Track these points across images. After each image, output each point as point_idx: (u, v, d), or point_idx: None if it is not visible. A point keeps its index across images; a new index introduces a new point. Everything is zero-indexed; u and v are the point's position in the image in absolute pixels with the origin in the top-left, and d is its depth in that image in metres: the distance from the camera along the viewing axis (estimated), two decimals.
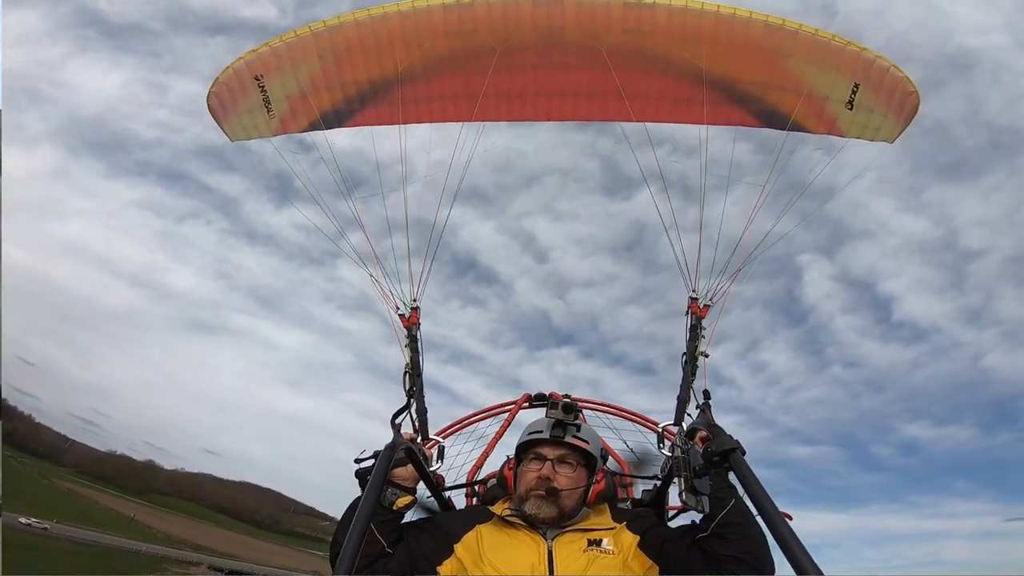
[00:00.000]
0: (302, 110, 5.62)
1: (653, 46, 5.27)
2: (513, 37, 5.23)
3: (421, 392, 4.31)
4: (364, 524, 2.04)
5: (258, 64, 5.44)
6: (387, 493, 2.74)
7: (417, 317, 4.68)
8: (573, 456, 2.79)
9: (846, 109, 5.37)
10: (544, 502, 2.64)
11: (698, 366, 4.33)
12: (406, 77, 5.36)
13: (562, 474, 2.73)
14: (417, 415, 4.18)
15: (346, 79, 5.54)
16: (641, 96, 5.51)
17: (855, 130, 5.52)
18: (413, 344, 4.55)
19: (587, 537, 2.61)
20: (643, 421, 4.68)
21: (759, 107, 5.59)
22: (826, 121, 5.56)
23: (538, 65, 5.55)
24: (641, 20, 5.17)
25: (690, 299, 4.64)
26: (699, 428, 2.84)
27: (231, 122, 5.67)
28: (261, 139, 5.78)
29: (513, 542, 2.60)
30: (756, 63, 5.32)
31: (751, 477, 2.24)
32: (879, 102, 5.28)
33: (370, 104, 5.67)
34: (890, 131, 5.42)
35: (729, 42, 5.18)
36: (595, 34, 5.21)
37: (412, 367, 4.40)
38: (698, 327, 4.50)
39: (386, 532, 2.67)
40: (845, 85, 5.27)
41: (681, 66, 5.32)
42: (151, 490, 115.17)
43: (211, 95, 5.52)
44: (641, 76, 5.45)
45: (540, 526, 2.64)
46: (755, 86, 5.49)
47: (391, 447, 2.57)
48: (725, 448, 2.42)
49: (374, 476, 2.33)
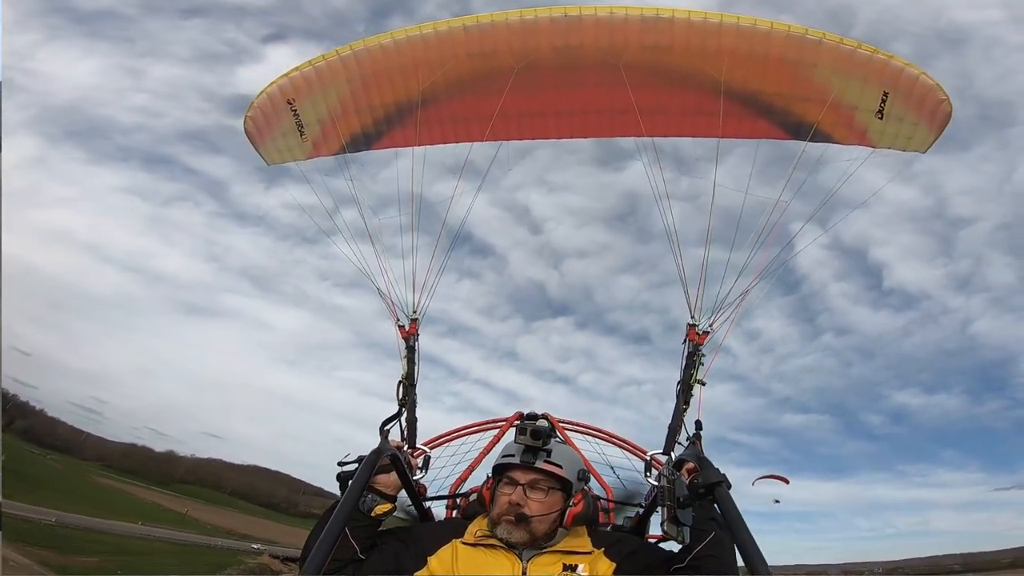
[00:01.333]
0: (332, 133, 5.85)
1: (672, 62, 5.24)
2: (532, 56, 5.30)
3: (413, 403, 4.39)
4: (338, 528, 2.11)
5: (290, 89, 5.70)
6: (367, 499, 2.74)
7: (416, 328, 4.78)
8: (545, 481, 2.78)
9: (876, 119, 5.20)
10: (514, 527, 2.66)
11: (692, 395, 4.25)
12: (427, 99, 5.51)
13: (533, 499, 2.72)
14: (407, 424, 4.24)
15: (372, 102, 5.75)
16: (661, 112, 5.49)
17: (886, 140, 5.34)
18: (410, 355, 4.63)
19: (563, 561, 2.63)
20: (632, 448, 4.62)
21: (784, 119, 5.48)
22: (856, 131, 5.40)
23: (557, 84, 5.61)
24: (659, 36, 5.16)
25: (688, 326, 4.56)
26: (687, 460, 2.87)
27: (267, 146, 5.97)
28: (295, 162, 6.07)
29: (488, 560, 2.62)
30: (779, 75, 5.22)
31: (734, 512, 2.27)
32: (910, 111, 5.10)
33: (395, 126, 5.86)
34: (922, 140, 5.23)
35: (750, 55, 5.09)
36: (613, 51, 5.22)
37: (407, 377, 4.49)
38: (696, 355, 4.41)
39: (360, 538, 2.67)
40: (874, 94, 5.11)
41: (702, 81, 5.27)
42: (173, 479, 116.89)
43: (247, 119, 5.83)
44: (661, 92, 5.43)
45: (516, 546, 2.66)
46: (780, 98, 5.39)
47: (376, 453, 2.62)
48: (712, 481, 2.46)
49: (355, 480, 2.39)
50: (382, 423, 3.21)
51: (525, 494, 2.73)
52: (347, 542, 2.60)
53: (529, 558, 2.63)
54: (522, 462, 2.79)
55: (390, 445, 2.89)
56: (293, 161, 6.07)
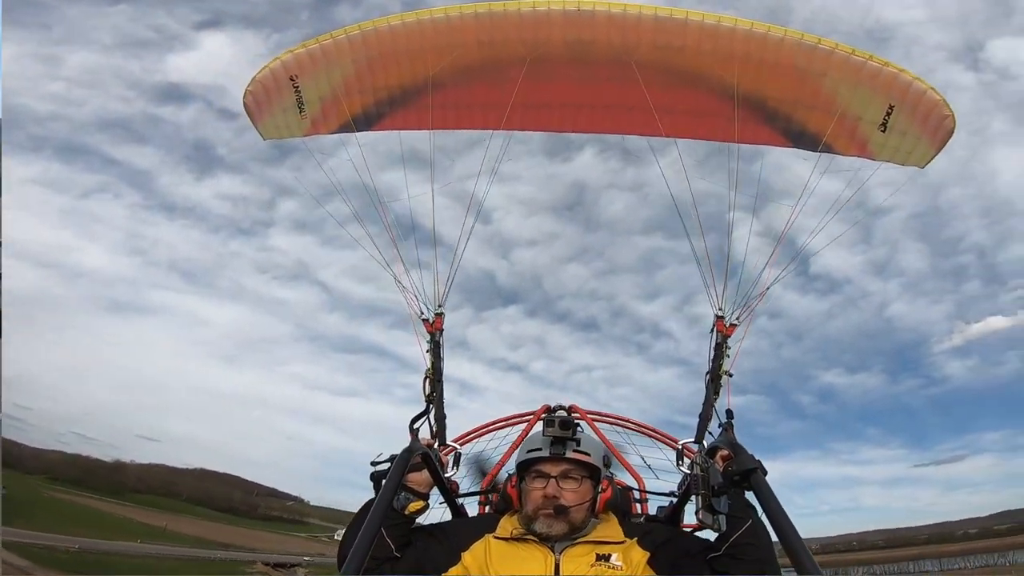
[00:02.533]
0: (334, 112, 5.73)
1: (684, 62, 5.25)
2: (543, 48, 5.26)
3: (441, 398, 4.29)
4: (376, 527, 2.07)
5: (294, 65, 5.57)
6: (400, 497, 2.75)
7: (441, 323, 4.68)
8: (576, 471, 2.77)
9: (879, 131, 5.28)
10: (554, 520, 2.63)
11: (721, 385, 4.30)
12: (436, 84, 5.43)
13: (568, 490, 2.71)
14: (436, 421, 4.14)
15: (378, 84, 5.64)
16: (670, 111, 5.49)
17: (887, 153, 5.42)
18: (436, 350, 4.53)
19: (596, 551, 2.60)
20: (662, 437, 4.68)
21: (790, 126, 5.53)
22: (858, 143, 5.47)
23: (567, 77, 5.58)
24: (672, 36, 5.16)
25: (716, 317, 4.61)
26: (720, 447, 2.84)
27: (265, 121, 5.82)
28: (292, 139, 5.92)
29: (521, 554, 2.61)
30: (789, 82, 5.26)
31: (772, 498, 2.22)
32: (913, 125, 5.18)
33: (400, 109, 5.77)
34: (922, 156, 5.32)
35: (761, 61, 5.13)
36: (625, 48, 5.21)
37: (433, 372, 4.39)
38: (723, 346, 4.46)
39: (396, 536, 2.70)
40: (879, 106, 5.18)
41: (712, 83, 5.30)
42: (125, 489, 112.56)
43: (247, 94, 5.68)
44: (671, 91, 5.43)
45: (549, 539, 2.63)
46: (787, 105, 5.44)
47: (408, 451, 2.59)
48: (747, 467, 2.42)
49: (388, 480, 2.36)
50: (411, 420, 3.19)
51: (559, 485, 2.72)
52: (383, 541, 2.63)
53: (562, 550, 2.61)
54: (552, 454, 2.77)
55: (421, 443, 2.87)
56: (290, 138, 5.93)
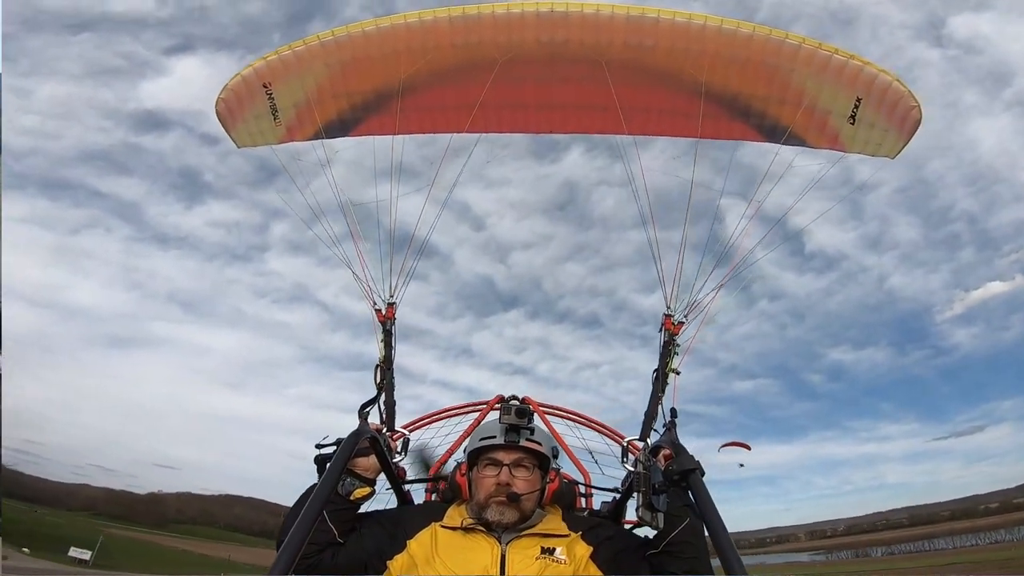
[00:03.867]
0: (308, 119, 5.71)
1: (655, 61, 5.30)
2: (516, 50, 5.29)
3: (391, 385, 4.34)
4: (316, 511, 2.03)
5: (266, 71, 5.54)
6: (345, 482, 2.73)
7: (393, 312, 4.75)
8: (528, 459, 2.82)
9: (848, 124, 5.36)
10: (506, 508, 2.66)
11: (668, 383, 4.34)
12: (408, 87, 5.43)
13: (520, 478, 2.75)
14: (385, 407, 4.20)
15: (352, 89, 5.64)
16: (642, 110, 5.56)
17: (857, 145, 5.51)
18: (387, 339, 4.61)
19: (541, 544, 2.63)
20: (609, 433, 4.73)
21: (761, 121, 5.60)
22: (828, 136, 5.56)
23: (540, 78, 5.61)
24: (643, 35, 5.21)
25: (664, 315, 4.65)
26: (663, 446, 2.91)
27: (239, 129, 5.77)
28: (267, 146, 5.87)
29: (467, 543, 2.62)
30: (758, 78, 5.33)
31: (707, 499, 2.31)
32: (881, 117, 5.27)
33: (373, 114, 5.76)
34: (891, 146, 5.41)
35: (731, 57, 5.21)
36: (597, 49, 5.26)
37: (384, 360, 4.46)
38: (671, 344, 4.51)
39: (339, 522, 2.68)
40: (847, 99, 5.27)
41: (683, 81, 5.36)
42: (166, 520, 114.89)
43: (220, 101, 5.64)
44: (642, 90, 5.49)
45: (495, 529, 2.66)
46: (757, 100, 5.51)
47: (355, 434, 2.56)
48: (686, 468, 2.51)
49: (333, 463, 2.33)
50: (361, 406, 3.14)
51: (511, 473, 2.75)
52: (325, 525, 2.62)
53: (508, 541, 2.63)
54: (507, 441, 2.81)
55: (369, 427, 2.85)
56: (265, 145, 5.89)
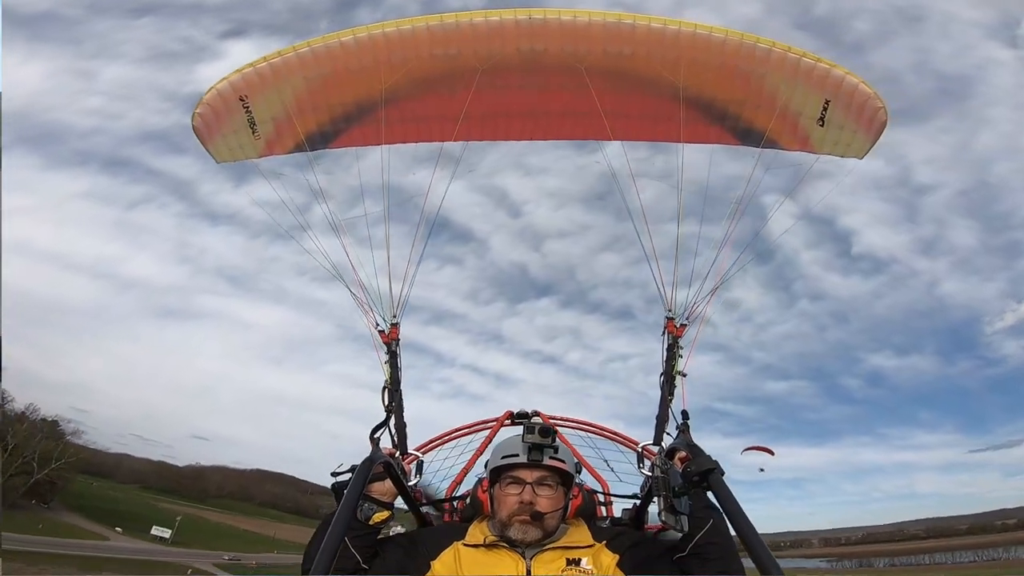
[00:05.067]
0: (288, 131, 5.64)
1: (633, 67, 5.39)
2: (496, 59, 5.30)
3: (400, 407, 4.29)
4: (338, 539, 2.06)
5: (243, 85, 5.44)
6: (364, 508, 2.75)
7: (397, 333, 4.64)
8: (551, 477, 2.82)
9: (818, 126, 5.54)
10: (529, 526, 2.68)
11: (676, 386, 4.34)
12: (389, 98, 5.39)
13: (543, 496, 2.76)
14: (396, 430, 4.15)
15: (332, 100, 5.58)
16: (622, 116, 5.63)
17: (827, 147, 5.70)
18: (392, 360, 4.50)
19: (566, 556, 2.65)
20: (623, 440, 4.74)
21: (736, 125, 5.75)
22: (800, 138, 5.74)
23: (521, 85, 5.64)
24: (621, 42, 5.28)
25: (666, 318, 4.66)
26: (679, 448, 2.93)
27: (216, 143, 5.66)
28: (248, 160, 5.79)
29: (491, 560, 2.63)
30: (732, 82, 5.46)
31: (730, 497, 2.31)
32: (849, 118, 5.46)
33: (355, 125, 5.71)
34: (859, 147, 5.62)
35: (706, 62, 5.31)
36: (576, 56, 5.31)
37: (391, 382, 4.37)
38: (675, 347, 4.51)
39: (361, 547, 2.69)
40: (816, 102, 5.43)
41: (660, 86, 5.45)
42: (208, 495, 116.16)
43: (196, 116, 5.50)
44: (621, 96, 5.57)
45: (519, 545, 2.67)
46: (732, 104, 5.65)
47: (369, 461, 2.58)
48: (704, 468, 2.49)
49: (349, 490, 2.34)
50: (371, 431, 3.16)
51: (535, 492, 2.75)
52: (348, 552, 2.63)
53: (532, 556, 2.65)
54: (530, 460, 2.80)
55: (382, 452, 2.87)
56: (245, 159, 5.79)
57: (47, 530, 62.39)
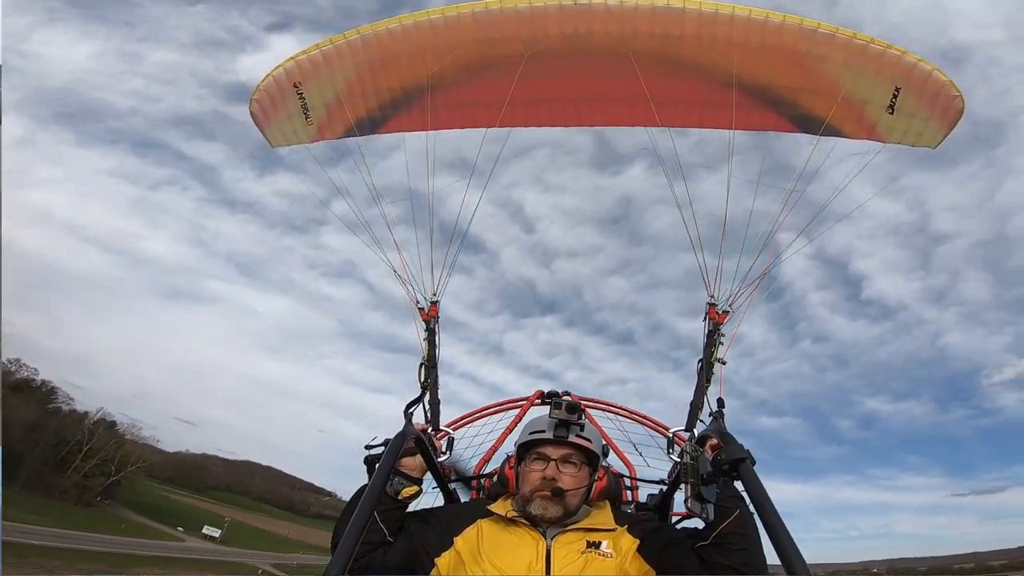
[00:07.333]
0: (338, 117, 5.82)
1: (682, 52, 5.19)
2: (541, 44, 5.25)
3: (436, 384, 4.32)
4: (368, 512, 2.09)
5: (296, 72, 5.66)
6: (393, 482, 2.77)
7: (436, 311, 4.71)
8: (577, 456, 2.80)
9: (887, 114, 5.17)
10: (550, 503, 2.67)
11: (714, 373, 4.22)
12: (436, 84, 5.47)
13: (567, 474, 2.74)
14: (430, 406, 4.18)
15: (380, 87, 5.71)
16: (671, 102, 5.45)
17: (896, 135, 5.30)
18: (431, 337, 4.56)
19: (586, 538, 2.63)
20: (654, 425, 4.65)
21: (793, 112, 5.44)
22: (866, 126, 5.37)
23: (566, 71, 5.56)
24: (670, 26, 5.11)
25: (708, 304, 4.51)
26: (710, 436, 2.81)
27: (272, 129, 5.93)
28: (300, 145, 6.03)
29: (512, 539, 2.64)
30: (790, 68, 5.18)
31: (759, 488, 2.21)
32: (922, 106, 5.06)
33: (402, 111, 5.82)
34: (933, 136, 5.19)
35: (762, 47, 5.06)
36: (623, 40, 5.17)
37: (428, 359, 4.42)
38: (715, 333, 4.38)
39: (389, 521, 2.72)
40: (885, 89, 5.07)
41: (712, 71, 5.23)
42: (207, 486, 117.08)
43: (253, 102, 5.79)
44: (670, 81, 5.39)
45: (541, 524, 2.66)
46: (789, 91, 5.35)
47: (402, 435, 2.63)
48: (735, 457, 2.40)
49: (382, 464, 2.39)
50: (406, 406, 3.22)
51: (558, 468, 2.75)
52: (376, 525, 2.66)
53: (553, 536, 2.64)
54: (556, 437, 2.79)
55: (414, 428, 2.91)
56: (298, 144, 6.03)
57: (130, 530, 66.00)
